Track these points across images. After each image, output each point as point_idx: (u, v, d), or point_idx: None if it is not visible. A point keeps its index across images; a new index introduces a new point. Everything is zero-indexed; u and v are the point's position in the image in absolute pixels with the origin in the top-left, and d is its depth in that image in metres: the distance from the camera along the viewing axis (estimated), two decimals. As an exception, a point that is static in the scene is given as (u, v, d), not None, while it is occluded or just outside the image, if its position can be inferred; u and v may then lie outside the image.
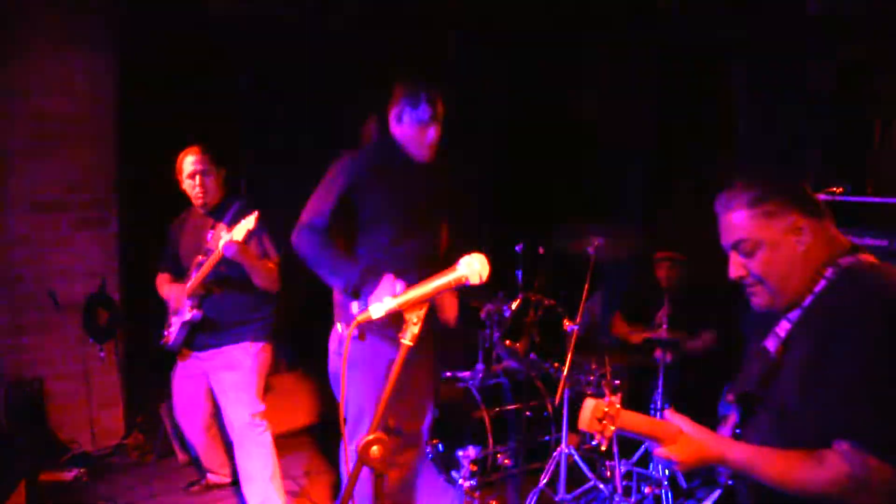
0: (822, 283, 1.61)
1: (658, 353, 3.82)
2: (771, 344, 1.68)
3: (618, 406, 1.61)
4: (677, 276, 4.30)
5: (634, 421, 1.64)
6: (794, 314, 1.65)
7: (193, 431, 3.75)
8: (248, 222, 3.09)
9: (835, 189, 3.81)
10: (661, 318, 3.81)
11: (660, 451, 1.60)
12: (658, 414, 3.70)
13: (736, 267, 1.69)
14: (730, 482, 1.75)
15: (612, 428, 1.59)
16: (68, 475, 4.07)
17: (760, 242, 1.63)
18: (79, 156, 4.41)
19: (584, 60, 5.31)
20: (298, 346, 5.31)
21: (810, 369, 1.54)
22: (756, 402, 1.70)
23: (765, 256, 1.63)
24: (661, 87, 5.15)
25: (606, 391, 1.64)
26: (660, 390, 3.71)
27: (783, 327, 1.67)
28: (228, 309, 3.44)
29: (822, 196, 3.78)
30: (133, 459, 4.45)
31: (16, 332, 4.28)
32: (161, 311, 3.66)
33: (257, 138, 5.01)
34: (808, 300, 1.63)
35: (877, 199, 3.84)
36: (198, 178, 3.45)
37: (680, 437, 1.61)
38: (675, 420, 1.66)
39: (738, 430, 1.73)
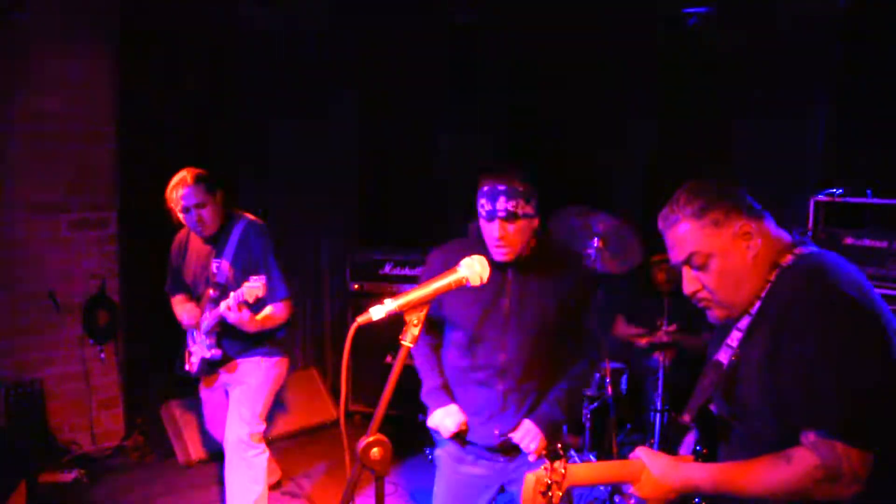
0: (768, 287, 1.60)
1: (658, 355, 3.83)
2: (724, 356, 1.67)
3: (563, 471, 1.58)
4: (674, 278, 4.29)
5: (589, 474, 1.62)
6: (744, 322, 1.63)
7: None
8: (258, 289, 2.91)
9: (834, 190, 3.82)
10: (661, 321, 3.80)
11: (632, 491, 1.60)
12: (658, 415, 3.70)
13: (690, 282, 1.65)
14: (696, 501, 1.74)
15: (560, 493, 1.58)
16: (68, 476, 4.08)
17: (711, 253, 1.60)
18: (78, 157, 4.41)
19: (584, 60, 5.31)
20: (303, 347, 5.32)
21: (767, 370, 1.54)
22: (715, 419, 1.68)
23: (718, 267, 1.60)
24: (660, 86, 5.16)
25: (547, 461, 1.62)
26: (659, 391, 3.71)
27: (734, 337, 1.65)
28: (242, 335, 3.26)
29: (822, 197, 3.80)
30: (133, 461, 4.45)
31: (16, 334, 4.28)
32: (163, 313, 3.61)
33: (258, 137, 5.01)
34: (756, 306, 1.61)
35: (877, 201, 3.84)
36: (194, 212, 3.18)
37: (643, 473, 1.60)
38: (639, 454, 1.65)
39: (698, 448, 1.72)
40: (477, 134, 5.58)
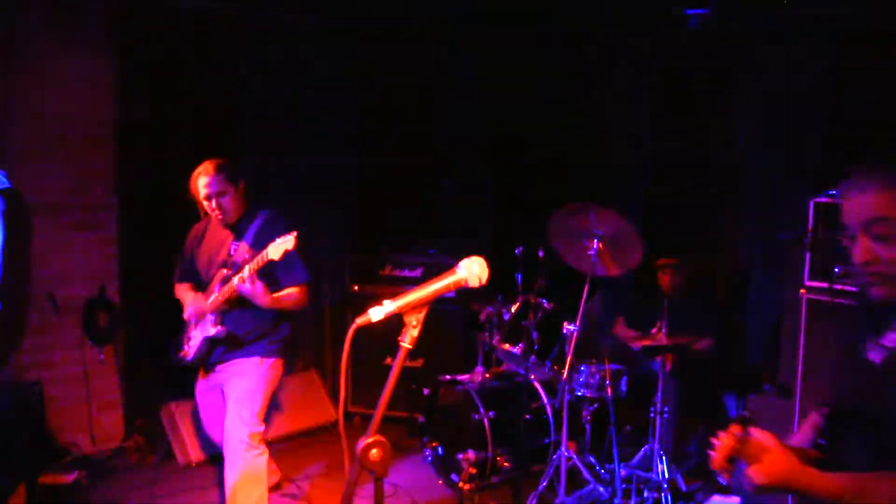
0: None
1: (657, 359, 3.82)
2: (876, 356, 1.58)
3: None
4: (679, 282, 4.33)
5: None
6: None
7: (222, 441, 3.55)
8: (288, 242, 2.94)
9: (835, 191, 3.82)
10: (661, 324, 3.80)
11: (749, 472, 1.51)
12: (658, 417, 3.70)
13: (864, 251, 1.55)
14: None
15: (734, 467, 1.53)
16: (68, 478, 4.06)
17: None
18: (78, 158, 4.40)
19: (583, 63, 5.32)
20: (303, 348, 5.32)
21: None
22: (852, 417, 1.61)
23: None
24: (662, 89, 5.16)
25: (743, 430, 1.57)
26: (659, 395, 3.71)
27: (891, 339, 1.56)
28: (247, 323, 3.31)
29: (822, 198, 3.79)
30: (133, 462, 4.45)
31: (15, 335, 4.28)
32: (163, 314, 3.61)
33: (258, 138, 5.01)
34: None
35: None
36: (214, 200, 3.27)
37: (765, 457, 1.52)
38: (762, 438, 1.56)
39: (820, 441, 1.65)
40: (474, 134, 5.59)
